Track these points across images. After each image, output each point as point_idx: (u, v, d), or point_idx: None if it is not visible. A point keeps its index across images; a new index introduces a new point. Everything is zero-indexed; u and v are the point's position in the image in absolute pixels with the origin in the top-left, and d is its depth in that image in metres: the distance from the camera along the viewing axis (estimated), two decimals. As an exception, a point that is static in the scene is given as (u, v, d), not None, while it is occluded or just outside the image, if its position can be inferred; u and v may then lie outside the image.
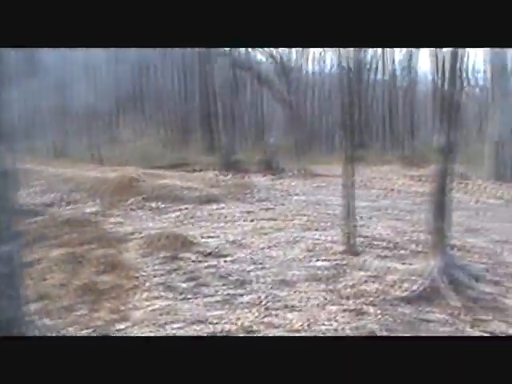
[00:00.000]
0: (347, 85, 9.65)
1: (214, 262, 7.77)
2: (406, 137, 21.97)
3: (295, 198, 12.61)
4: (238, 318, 6.07)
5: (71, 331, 5.84)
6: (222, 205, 11.62)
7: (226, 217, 10.59)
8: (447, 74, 10.32)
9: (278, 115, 22.62)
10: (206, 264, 7.71)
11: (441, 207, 6.94)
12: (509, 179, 14.77)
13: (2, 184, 4.61)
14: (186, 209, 11.25)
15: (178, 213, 11.03)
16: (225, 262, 7.83)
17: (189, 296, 6.72)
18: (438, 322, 5.91)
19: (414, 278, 6.84)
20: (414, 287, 6.58)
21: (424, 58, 34.53)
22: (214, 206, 11.46)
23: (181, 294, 6.77)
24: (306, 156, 18.74)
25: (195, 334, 5.70)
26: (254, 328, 5.82)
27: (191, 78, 22.01)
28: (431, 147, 11.80)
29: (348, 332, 5.50)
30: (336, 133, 21.08)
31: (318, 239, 8.70)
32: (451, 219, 7.28)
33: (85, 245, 8.59)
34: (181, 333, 5.75)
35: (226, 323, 5.95)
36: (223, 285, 7.02)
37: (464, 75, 27.16)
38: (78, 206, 11.64)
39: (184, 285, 7.03)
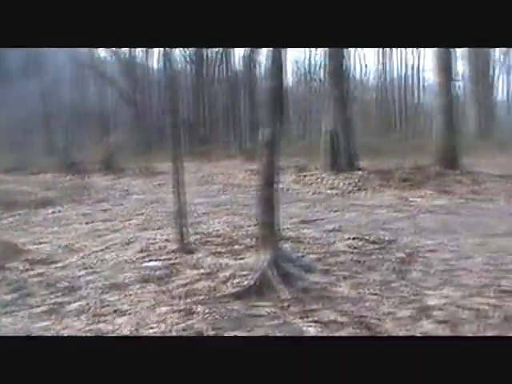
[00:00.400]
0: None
1: (43, 270, 7.45)
2: (247, 131, 22.20)
3: (134, 197, 12.40)
4: (65, 328, 5.82)
5: None
6: (59, 208, 11.22)
7: (61, 220, 10.22)
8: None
9: (122, 114, 22.29)
10: (33, 272, 7.37)
11: (268, 200, 6.97)
12: (343, 169, 15.24)
13: None
14: (19, 214, 10.76)
15: (10, 219, 10.53)
16: (55, 268, 7.52)
17: (13, 308, 6.38)
18: (267, 316, 5.92)
19: (245, 273, 6.84)
20: (245, 282, 6.58)
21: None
22: (50, 210, 11.04)
23: (4, 307, 6.42)
24: (149, 154, 18.52)
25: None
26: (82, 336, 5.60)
27: (30, 78, 21.19)
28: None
29: (174, 333, 5.40)
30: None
31: (152, 239, 8.56)
32: (279, 212, 7.35)
33: None
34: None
35: (52, 334, 5.70)
36: (51, 293, 6.72)
37: (307, 70, 27.93)
38: None
39: (8, 297, 6.67)
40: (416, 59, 28.54)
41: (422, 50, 28.16)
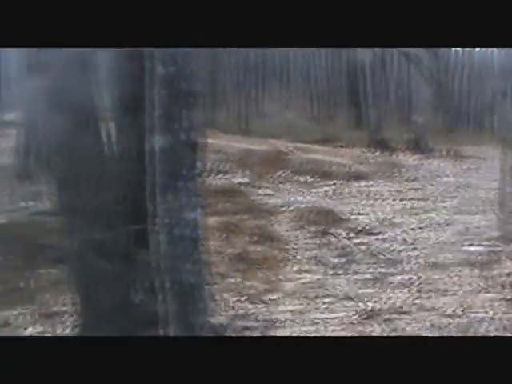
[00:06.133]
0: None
1: (365, 240, 7.82)
2: None
3: (445, 179, 12.34)
4: (389, 298, 6.10)
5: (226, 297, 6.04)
6: (371, 182, 11.58)
7: (374, 195, 10.56)
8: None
9: (426, 94, 22.14)
10: (356, 241, 7.77)
11: None
12: None
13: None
14: (335, 184, 11.29)
15: (326, 188, 11.09)
16: (376, 240, 7.85)
17: (339, 272, 6.81)
18: None
19: None
20: None
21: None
22: (362, 183, 11.43)
23: (332, 268, 6.88)
24: (454, 136, 18.17)
25: (344, 310, 5.79)
26: (405, 309, 5.83)
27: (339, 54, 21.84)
28: None
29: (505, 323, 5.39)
30: (485, 113, 20.30)
31: (469, 223, 8.53)
32: None
33: (237, 214, 8.82)
34: (331, 308, 5.85)
35: (376, 302, 6.00)
36: (374, 263, 7.06)
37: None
38: (227, 176, 11.86)
39: (335, 260, 7.13)
40: None
41: None
